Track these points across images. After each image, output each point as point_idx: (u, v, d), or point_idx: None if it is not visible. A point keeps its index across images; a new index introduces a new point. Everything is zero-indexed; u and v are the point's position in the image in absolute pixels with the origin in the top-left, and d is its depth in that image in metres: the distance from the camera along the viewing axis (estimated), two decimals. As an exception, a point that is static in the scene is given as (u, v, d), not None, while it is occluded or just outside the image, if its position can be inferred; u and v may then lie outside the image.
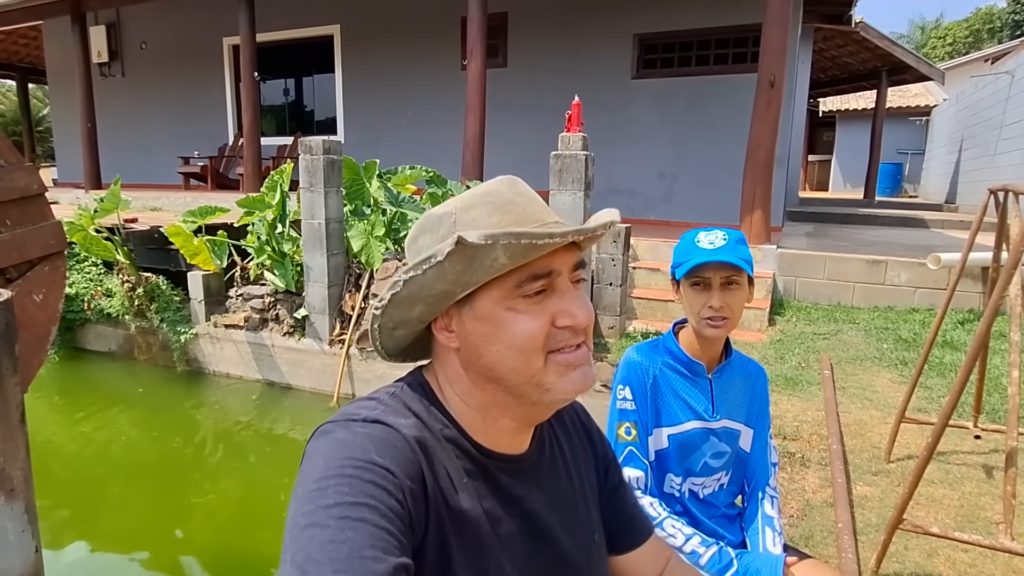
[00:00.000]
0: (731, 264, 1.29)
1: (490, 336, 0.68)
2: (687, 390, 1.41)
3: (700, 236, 1.35)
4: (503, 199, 0.70)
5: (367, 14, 8.91)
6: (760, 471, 1.48)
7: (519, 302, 0.68)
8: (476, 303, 0.69)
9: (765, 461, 1.48)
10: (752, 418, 1.47)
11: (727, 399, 1.44)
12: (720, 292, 1.32)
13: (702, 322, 1.34)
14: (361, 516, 0.57)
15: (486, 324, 0.69)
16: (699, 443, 1.41)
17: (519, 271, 0.67)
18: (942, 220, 9.02)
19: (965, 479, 2.61)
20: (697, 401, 1.41)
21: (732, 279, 1.31)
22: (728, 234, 1.33)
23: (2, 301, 1.56)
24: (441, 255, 0.63)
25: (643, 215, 7.62)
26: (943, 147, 13.51)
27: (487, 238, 0.61)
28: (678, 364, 1.42)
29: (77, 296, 5.65)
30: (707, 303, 1.32)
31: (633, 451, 1.38)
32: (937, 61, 20.94)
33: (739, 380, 1.46)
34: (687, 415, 1.40)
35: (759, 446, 1.48)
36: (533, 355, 0.68)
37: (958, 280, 2.64)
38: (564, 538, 0.80)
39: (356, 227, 4.87)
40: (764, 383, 1.50)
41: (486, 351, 0.69)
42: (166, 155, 10.28)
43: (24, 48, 13.34)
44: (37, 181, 2.21)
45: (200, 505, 3.61)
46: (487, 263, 0.64)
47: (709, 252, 1.30)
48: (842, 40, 9.86)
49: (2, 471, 1.56)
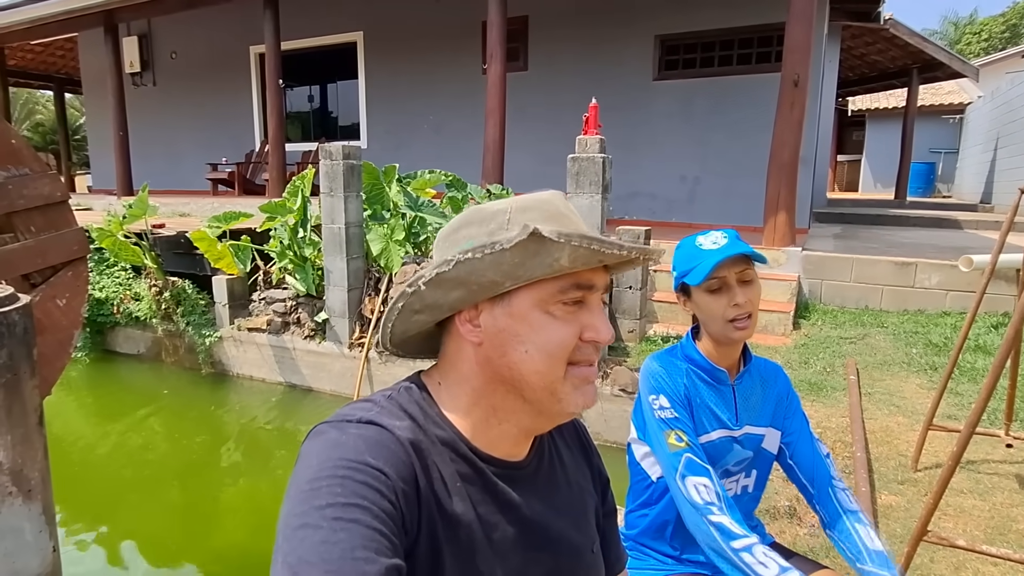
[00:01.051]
0: (744, 256, 1.25)
1: (521, 336, 0.68)
2: (712, 398, 1.36)
3: (700, 240, 1.30)
4: (557, 210, 0.71)
5: (389, 21, 9.00)
6: (818, 468, 1.36)
7: (558, 308, 0.69)
8: (515, 300, 0.69)
9: (818, 455, 1.37)
10: (779, 419, 1.41)
11: (749, 406, 1.39)
12: (739, 289, 1.28)
13: (727, 326, 1.28)
14: (354, 517, 0.57)
15: (520, 323, 0.68)
16: (724, 452, 1.36)
17: (566, 278, 0.68)
18: (977, 221, 8.76)
19: (996, 489, 2.52)
20: (721, 410, 1.36)
21: (746, 275, 1.28)
22: (727, 233, 1.30)
23: (21, 305, 1.59)
24: (508, 243, 0.62)
25: (665, 218, 7.56)
26: (978, 146, 13.14)
27: (560, 236, 0.62)
28: (702, 372, 1.37)
29: (107, 300, 5.79)
30: (731, 302, 1.27)
31: (691, 458, 1.26)
32: (971, 57, 20.41)
33: (759, 384, 1.41)
34: (713, 424, 1.35)
35: (805, 442, 1.39)
36: (558, 362, 0.68)
37: (988, 282, 2.56)
38: (561, 548, 0.78)
39: (375, 231, 4.91)
40: (786, 381, 1.45)
41: (513, 350, 0.69)
42: (195, 162, 10.51)
43: (61, 59, 13.76)
44: (61, 188, 2.26)
45: (221, 505, 3.67)
46: (547, 261, 0.65)
47: (719, 251, 1.26)
48: (871, 38, 9.66)
49: (20, 472, 1.59)
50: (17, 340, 1.58)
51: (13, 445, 1.56)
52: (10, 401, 1.56)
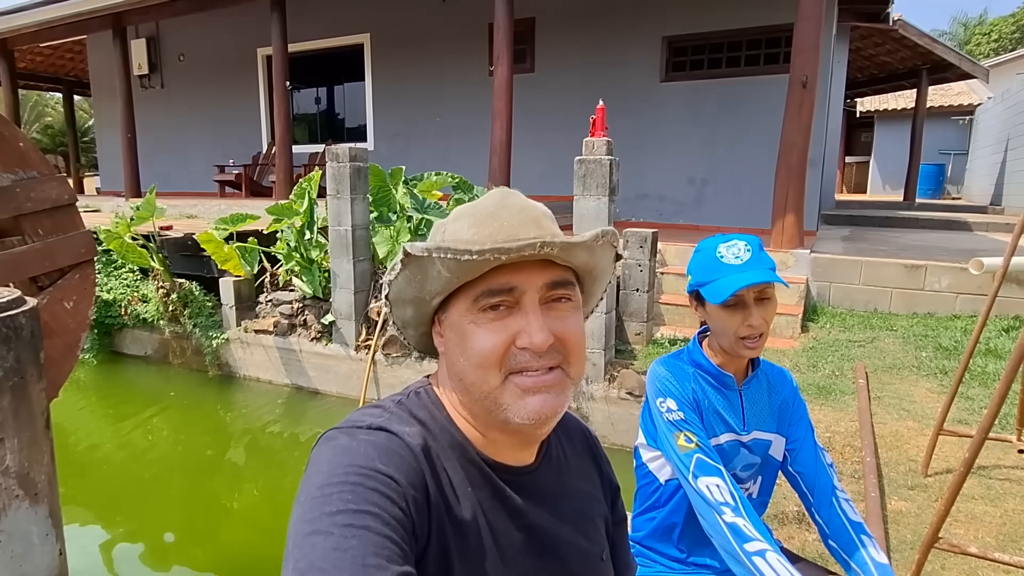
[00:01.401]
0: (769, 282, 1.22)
1: (458, 346, 0.69)
2: (720, 402, 1.35)
3: (722, 250, 1.26)
4: (486, 212, 0.70)
5: (396, 23, 9.01)
6: (820, 477, 1.35)
7: (480, 316, 0.67)
8: (449, 311, 0.71)
9: (821, 464, 1.35)
10: (784, 426, 1.39)
11: (756, 411, 1.38)
12: (756, 308, 1.24)
13: (738, 342, 1.26)
14: (364, 524, 0.57)
15: (454, 333, 0.70)
16: (732, 456, 1.35)
17: (476, 285, 0.67)
18: (987, 223, 8.69)
19: (1008, 495, 2.49)
20: (729, 414, 1.35)
21: (765, 292, 1.25)
22: (750, 243, 1.25)
23: (28, 309, 1.60)
24: (399, 264, 0.67)
25: (672, 220, 7.53)
26: (988, 147, 13.04)
27: (424, 251, 0.64)
28: (709, 376, 1.35)
29: (114, 302, 5.81)
30: (744, 322, 1.24)
31: (702, 458, 1.24)
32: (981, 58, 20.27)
33: (766, 390, 1.40)
34: (721, 428, 1.34)
35: (809, 450, 1.37)
36: (488, 372, 0.67)
37: (999, 285, 2.53)
38: (570, 554, 0.78)
39: (381, 233, 4.91)
40: (793, 387, 1.43)
41: (456, 360, 0.70)
42: (203, 163, 10.55)
43: (70, 62, 13.86)
44: (68, 191, 2.27)
45: (228, 507, 3.67)
46: (434, 275, 0.67)
47: (739, 271, 1.22)
48: (880, 38, 9.61)
49: (27, 476, 1.59)
50: (24, 343, 1.59)
51: (20, 449, 1.57)
52: (17, 404, 1.56)
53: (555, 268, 0.69)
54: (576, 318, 0.71)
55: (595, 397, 4.11)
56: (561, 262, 0.69)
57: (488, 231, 0.68)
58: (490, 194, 0.74)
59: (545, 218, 0.72)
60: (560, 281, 0.69)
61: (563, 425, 0.86)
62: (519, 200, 0.72)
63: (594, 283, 0.79)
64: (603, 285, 0.81)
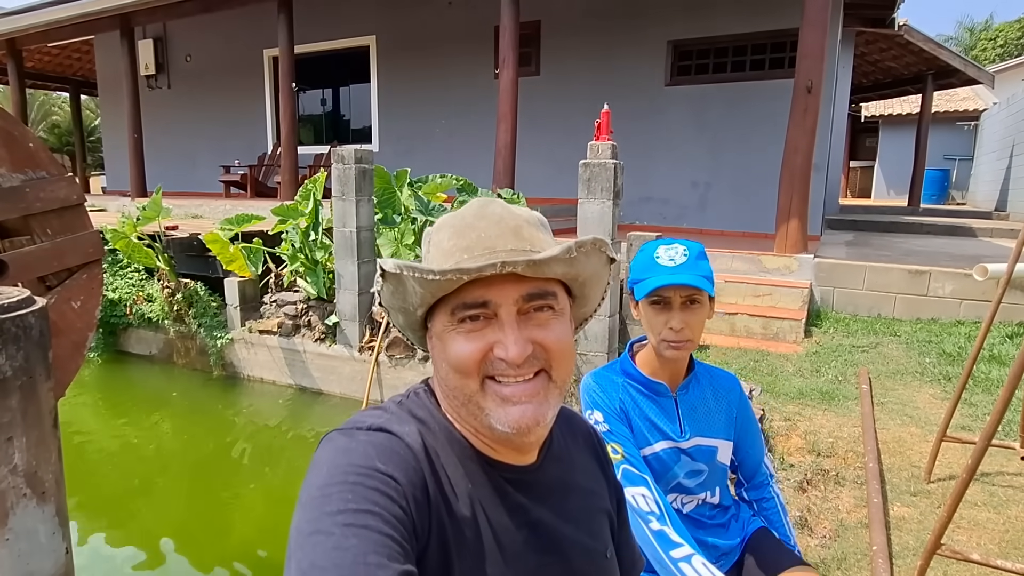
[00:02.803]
0: (692, 285, 1.24)
1: (440, 353, 0.71)
2: (652, 410, 1.36)
3: (659, 251, 1.28)
4: (464, 223, 0.72)
5: (402, 25, 9.04)
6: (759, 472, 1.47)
7: (458, 327, 0.69)
8: (435, 321, 0.72)
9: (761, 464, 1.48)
10: (731, 430, 1.41)
11: (696, 416, 1.38)
12: (681, 312, 1.26)
13: (662, 343, 1.29)
14: (365, 523, 0.58)
15: (438, 341, 0.72)
16: (670, 463, 1.36)
17: (452, 298, 0.69)
18: (991, 228, 8.68)
19: (1011, 502, 2.49)
20: (664, 422, 1.36)
21: (693, 298, 1.27)
22: (689, 248, 1.28)
23: (37, 308, 1.61)
24: (379, 279, 0.69)
25: (676, 224, 7.53)
26: (993, 152, 13.02)
27: (396, 267, 0.66)
28: (639, 385, 1.37)
29: (120, 301, 5.83)
30: (667, 324, 1.26)
31: (628, 468, 1.29)
32: (987, 64, 20.23)
33: (709, 394, 1.40)
34: (655, 436, 1.36)
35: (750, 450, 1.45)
36: (467, 376, 0.69)
37: (1004, 291, 2.53)
38: (574, 552, 0.78)
39: (386, 235, 4.92)
40: (739, 391, 1.44)
41: (440, 366, 0.73)
42: (209, 164, 10.59)
43: (77, 62, 13.92)
44: (77, 192, 2.28)
45: (231, 506, 3.68)
46: (411, 289, 0.69)
47: (669, 271, 1.24)
48: (885, 44, 9.61)
49: (35, 475, 1.60)
50: (33, 343, 1.60)
51: (28, 447, 1.58)
52: (26, 404, 1.58)
53: (531, 280, 0.68)
54: (558, 325, 0.71)
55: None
56: (531, 275, 0.68)
57: (465, 242, 0.69)
58: (470, 203, 0.75)
59: (527, 227, 0.71)
60: (537, 293, 0.69)
61: (567, 422, 0.87)
62: (498, 209, 0.73)
63: (583, 288, 0.77)
64: (597, 289, 0.80)
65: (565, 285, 0.74)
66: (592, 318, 0.85)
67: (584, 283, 0.76)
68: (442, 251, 0.70)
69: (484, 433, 0.73)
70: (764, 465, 1.47)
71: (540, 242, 0.71)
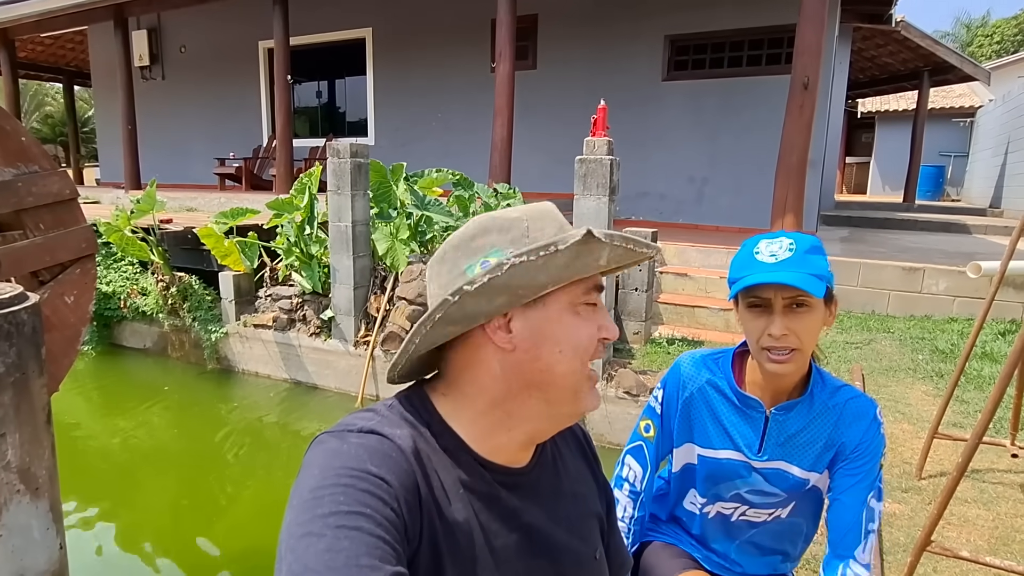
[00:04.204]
0: (794, 285, 1.05)
1: (555, 337, 0.70)
2: (730, 418, 1.23)
3: (761, 245, 1.12)
4: (561, 221, 0.75)
5: (398, 17, 8.99)
6: (846, 538, 1.16)
7: (583, 308, 0.72)
8: (549, 303, 0.71)
9: (854, 525, 1.16)
10: (824, 464, 1.20)
11: (788, 441, 1.20)
12: (783, 317, 1.08)
13: (761, 352, 1.12)
14: (357, 525, 0.58)
15: (555, 325, 0.71)
16: (733, 476, 1.24)
17: (588, 280, 0.72)
18: (986, 225, 8.71)
19: (1001, 499, 2.51)
20: (741, 434, 1.22)
21: (799, 300, 1.07)
22: (796, 242, 1.09)
23: (30, 305, 1.60)
24: (563, 244, 0.63)
25: (672, 219, 7.53)
26: (988, 149, 13.06)
27: (606, 236, 0.65)
28: (728, 391, 1.23)
29: (114, 294, 5.82)
30: (766, 330, 1.09)
31: (642, 447, 1.30)
32: (984, 60, 20.25)
33: (817, 420, 1.19)
34: (724, 443, 1.24)
35: (847, 504, 1.17)
36: (585, 361, 0.72)
37: (997, 289, 2.54)
38: (565, 555, 0.79)
39: (381, 230, 4.91)
40: (864, 427, 1.17)
41: (547, 352, 0.70)
42: (204, 156, 10.53)
43: (71, 52, 13.81)
44: (70, 186, 2.27)
45: (225, 500, 3.69)
46: (588, 262, 0.68)
47: (767, 269, 1.07)
48: (882, 40, 9.60)
49: (28, 470, 1.60)
50: (25, 339, 1.60)
51: (21, 443, 1.58)
52: (18, 400, 1.57)
53: None
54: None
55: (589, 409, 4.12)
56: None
57: (564, 232, 0.72)
58: (544, 204, 0.77)
59: None
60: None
61: None
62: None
63: None
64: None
65: None
66: None
67: None
68: (546, 236, 0.70)
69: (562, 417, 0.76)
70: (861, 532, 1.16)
71: None
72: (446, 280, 0.72)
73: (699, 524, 1.35)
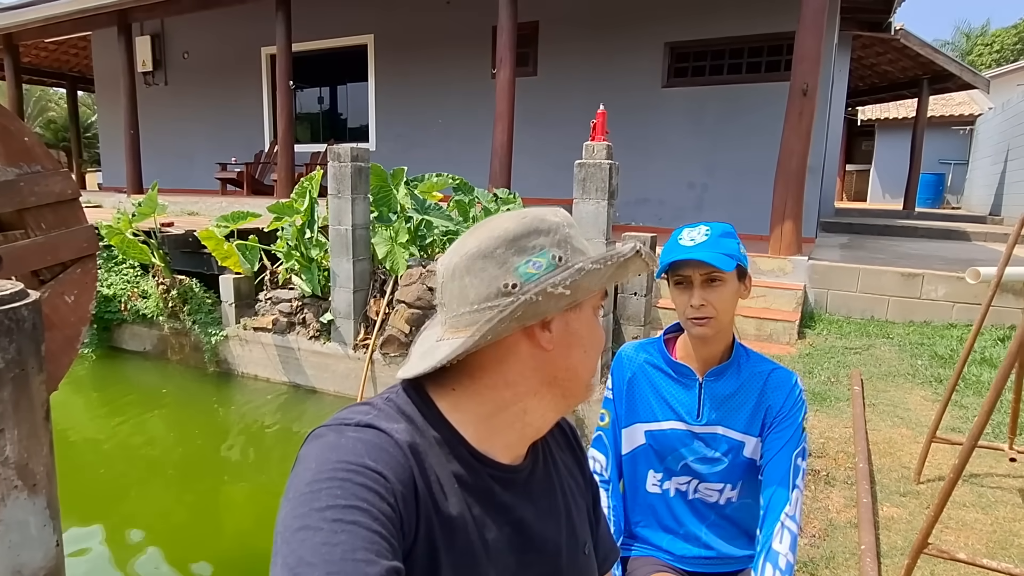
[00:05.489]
0: (706, 262, 1.25)
1: (584, 338, 0.75)
2: (671, 390, 1.39)
3: (683, 233, 1.31)
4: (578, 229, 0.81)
5: (400, 24, 9.04)
6: (775, 495, 1.29)
7: (598, 312, 0.79)
8: (584, 307, 0.76)
9: (783, 482, 1.29)
10: (756, 427, 1.34)
11: (722, 404, 1.35)
12: (701, 290, 1.28)
13: (687, 322, 1.32)
14: (353, 519, 0.58)
15: (585, 327, 0.75)
16: (677, 444, 1.38)
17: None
18: (985, 233, 8.72)
19: (998, 503, 2.51)
20: (680, 402, 1.38)
21: (714, 275, 1.27)
22: (711, 228, 1.29)
23: (31, 302, 1.61)
24: (627, 254, 0.71)
25: (672, 224, 7.51)
26: (988, 157, 13.08)
27: (642, 254, 0.72)
28: (663, 364, 1.40)
29: (115, 297, 5.83)
30: (688, 302, 1.29)
31: (601, 436, 1.46)
32: (984, 69, 20.32)
33: (746, 386, 1.35)
34: (666, 414, 1.38)
35: (776, 464, 1.30)
36: (600, 357, 0.79)
37: (994, 294, 2.55)
38: (554, 550, 0.80)
39: (380, 234, 4.93)
40: (786, 393, 1.33)
41: (576, 352, 0.75)
42: (206, 161, 10.58)
43: (74, 58, 13.89)
44: (72, 186, 2.28)
45: (223, 502, 3.68)
46: (630, 271, 0.75)
47: (686, 250, 1.27)
48: (882, 48, 9.65)
49: (26, 467, 1.60)
50: (26, 336, 1.60)
51: (20, 440, 1.58)
52: (17, 396, 1.58)
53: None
54: None
55: (591, 399, 4.13)
56: None
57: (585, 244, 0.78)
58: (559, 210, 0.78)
59: None
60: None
61: None
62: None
63: None
64: None
65: None
66: None
67: None
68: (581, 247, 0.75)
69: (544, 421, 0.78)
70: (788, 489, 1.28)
71: None
72: (492, 275, 0.70)
73: (665, 505, 1.45)
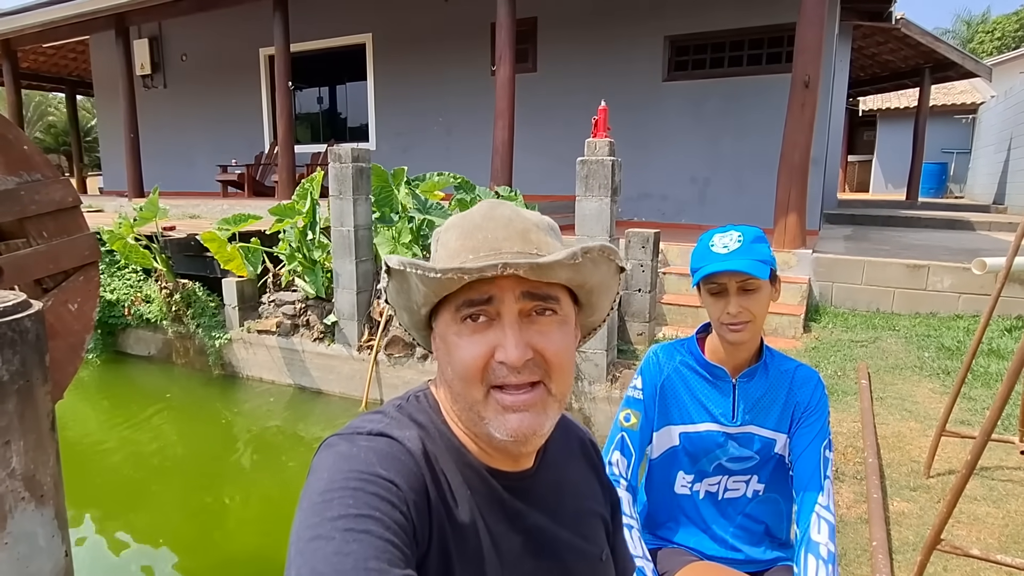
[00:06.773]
0: (744, 272, 1.25)
1: (445, 355, 0.71)
2: (706, 392, 1.39)
3: (715, 239, 1.30)
4: (472, 224, 0.70)
5: (398, 23, 9.01)
6: (808, 487, 1.32)
7: (461, 327, 0.68)
8: (438, 321, 0.72)
9: (815, 474, 1.32)
10: (785, 424, 1.38)
11: (754, 405, 1.38)
12: (737, 297, 1.28)
13: (723, 328, 1.32)
14: (366, 528, 0.57)
15: (442, 343, 0.71)
16: (713, 446, 1.39)
17: (458, 296, 0.67)
18: (989, 222, 8.68)
19: (1010, 496, 2.49)
20: (716, 404, 1.38)
21: (749, 282, 1.28)
22: (744, 234, 1.28)
23: (34, 312, 1.60)
24: (384, 276, 0.70)
25: (675, 219, 7.53)
26: (991, 146, 13.02)
27: (401, 264, 0.66)
28: (698, 366, 1.40)
29: (118, 302, 5.83)
30: (725, 309, 1.29)
31: (625, 437, 1.42)
32: (985, 57, 20.20)
33: (774, 385, 1.39)
34: (702, 416, 1.39)
35: (807, 457, 1.34)
36: (471, 384, 0.67)
37: (1003, 285, 2.52)
38: (570, 555, 0.79)
39: (383, 234, 4.92)
40: (811, 389, 1.38)
41: (445, 369, 0.71)
42: (206, 163, 10.57)
43: (72, 62, 13.87)
44: (72, 194, 2.27)
45: (231, 507, 3.68)
46: (414, 287, 0.69)
47: (721, 259, 1.26)
48: (882, 37, 9.58)
49: (33, 478, 1.60)
50: (30, 346, 1.59)
51: (26, 451, 1.57)
52: (23, 407, 1.57)
53: (535, 281, 0.67)
54: (560, 333, 0.69)
55: (597, 397, 4.12)
56: (535, 278, 0.65)
57: (472, 243, 0.68)
58: (479, 204, 0.74)
59: (535, 230, 0.70)
60: (538, 293, 0.67)
61: (563, 429, 0.87)
62: (507, 211, 0.71)
63: (590, 296, 0.76)
64: (606, 299, 0.78)
65: (572, 293, 0.73)
66: (601, 327, 0.84)
67: (591, 291, 0.75)
68: (449, 251, 0.69)
69: (483, 440, 0.72)
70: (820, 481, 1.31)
71: (547, 246, 0.69)
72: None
73: (694, 507, 1.45)
